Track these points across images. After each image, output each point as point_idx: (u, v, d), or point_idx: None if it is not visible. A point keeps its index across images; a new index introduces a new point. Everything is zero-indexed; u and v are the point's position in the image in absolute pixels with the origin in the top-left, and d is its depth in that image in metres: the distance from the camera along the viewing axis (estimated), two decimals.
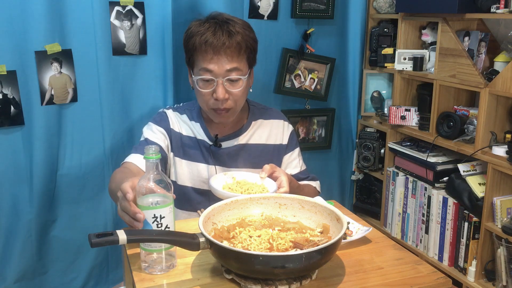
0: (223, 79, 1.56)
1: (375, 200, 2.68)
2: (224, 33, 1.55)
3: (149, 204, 1.12)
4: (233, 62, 1.56)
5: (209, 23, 1.59)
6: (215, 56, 1.54)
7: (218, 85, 1.56)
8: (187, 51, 1.63)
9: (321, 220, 1.25)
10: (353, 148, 2.74)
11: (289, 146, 1.78)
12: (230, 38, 1.54)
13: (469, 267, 2.10)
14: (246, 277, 1.08)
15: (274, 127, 1.76)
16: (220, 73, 1.55)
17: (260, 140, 1.73)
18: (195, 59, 1.60)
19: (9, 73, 1.86)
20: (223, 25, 1.57)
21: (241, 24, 1.60)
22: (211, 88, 1.57)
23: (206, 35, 1.55)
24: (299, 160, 1.80)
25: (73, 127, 2.03)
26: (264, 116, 1.77)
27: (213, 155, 1.68)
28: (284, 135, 1.77)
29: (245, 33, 1.59)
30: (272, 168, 1.50)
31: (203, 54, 1.55)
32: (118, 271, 2.24)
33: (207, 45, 1.53)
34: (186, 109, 1.75)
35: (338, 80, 2.62)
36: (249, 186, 1.47)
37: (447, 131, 2.18)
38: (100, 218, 2.15)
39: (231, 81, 1.57)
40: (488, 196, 1.98)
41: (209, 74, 1.56)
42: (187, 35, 1.62)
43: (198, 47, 1.56)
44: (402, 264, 1.21)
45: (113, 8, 2.00)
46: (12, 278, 2.01)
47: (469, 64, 2.04)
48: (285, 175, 1.48)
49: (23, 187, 1.98)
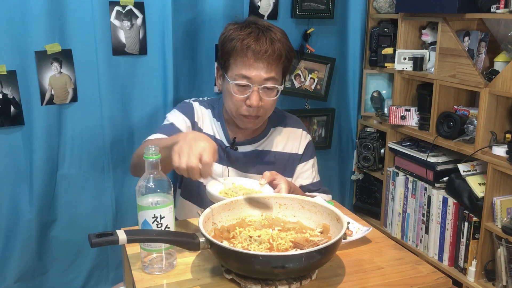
0: (259, 87, 1.52)
1: (375, 200, 2.68)
2: (267, 40, 1.50)
3: (149, 204, 1.12)
4: (272, 70, 1.52)
5: (250, 28, 1.53)
6: (255, 63, 1.50)
7: (253, 92, 1.52)
8: (223, 53, 1.56)
9: (321, 220, 1.25)
10: (353, 148, 2.74)
11: (304, 156, 1.74)
12: (272, 46, 1.50)
13: (469, 267, 2.10)
14: (246, 277, 1.08)
15: (292, 135, 1.74)
16: (257, 80, 1.51)
17: (277, 148, 1.71)
18: (232, 63, 1.54)
19: (9, 73, 1.86)
20: (266, 32, 1.52)
21: (281, 33, 1.56)
22: (246, 94, 1.53)
23: (248, 40, 1.50)
24: (312, 171, 1.76)
25: (73, 127, 2.03)
26: (282, 123, 1.74)
27: (228, 157, 1.66)
28: (301, 145, 1.74)
29: (285, 42, 1.55)
30: (273, 175, 1.46)
31: (243, 59, 1.51)
32: (118, 271, 2.24)
33: (249, 50, 1.49)
34: (210, 105, 1.71)
35: (338, 80, 2.62)
36: (245, 191, 1.43)
37: (447, 131, 2.18)
38: (100, 218, 2.15)
39: (266, 89, 1.54)
40: (488, 196, 1.98)
41: (246, 80, 1.51)
42: (226, 38, 1.55)
43: (239, 51, 1.51)
44: (402, 264, 1.20)
45: (113, 8, 2.00)
46: (12, 278, 2.01)
47: (469, 64, 2.04)
48: (285, 183, 1.45)
49: (23, 187, 1.98)
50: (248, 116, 1.56)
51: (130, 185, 2.17)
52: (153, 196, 1.13)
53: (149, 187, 1.12)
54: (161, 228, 1.13)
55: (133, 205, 1.16)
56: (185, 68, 2.22)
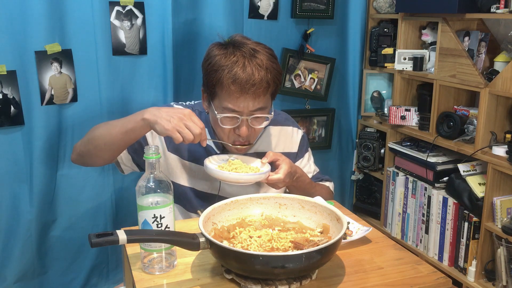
0: (248, 117, 1.49)
1: (375, 200, 2.68)
2: (254, 70, 1.43)
3: (149, 204, 1.12)
4: (260, 101, 1.47)
5: (235, 55, 1.45)
6: (241, 96, 1.44)
7: (242, 123, 1.48)
8: (209, 83, 1.49)
9: (321, 220, 1.25)
10: (353, 148, 2.74)
11: (299, 152, 1.73)
12: (259, 76, 1.44)
13: (469, 267, 2.10)
14: (246, 277, 1.08)
15: (283, 134, 1.71)
16: (246, 112, 1.47)
17: (268, 148, 1.67)
18: (219, 94, 1.48)
19: (9, 73, 1.86)
20: (252, 60, 1.45)
21: (267, 56, 1.49)
22: (234, 124, 1.50)
23: (234, 72, 1.43)
24: (310, 164, 1.75)
25: (73, 127, 2.03)
26: (272, 122, 1.68)
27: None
28: (294, 143, 1.72)
29: (272, 67, 1.48)
30: (276, 156, 1.47)
31: (229, 92, 1.45)
32: (118, 271, 2.24)
33: (235, 84, 1.42)
34: (197, 110, 1.66)
35: (338, 80, 2.62)
36: (239, 166, 1.46)
37: (447, 131, 2.18)
38: (100, 218, 2.15)
39: (256, 117, 1.51)
40: (488, 196, 1.98)
41: (234, 113, 1.47)
42: (211, 67, 1.48)
43: (224, 85, 1.44)
44: (402, 264, 1.21)
45: (113, 8, 2.00)
46: (12, 278, 2.01)
47: (469, 64, 2.04)
48: (287, 165, 1.45)
49: (23, 187, 1.98)
50: (237, 143, 1.54)
51: (130, 185, 2.17)
52: (153, 196, 1.13)
53: (149, 187, 1.12)
54: (161, 228, 1.13)
55: (133, 205, 1.16)
56: (185, 68, 2.22)
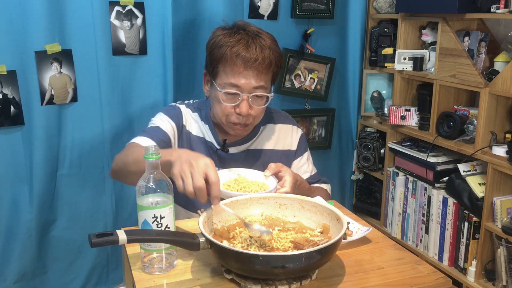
0: (249, 95, 1.49)
1: (375, 200, 2.68)
2: (257, 48, 1.46)
3: (149, 204, 1.12)
4: (261, 79, 1.49)
5: (239, 34, 1.49)
6: (244, 71, 1.46)
7: (242, 101, 1.49)
8: (212, 60, 1.52)
9: (321, 220, 1.25)
10: (353, 148, 2.74)
11: (298, 151, 1.74)
12: (262, 53, 1.46)
13: (469, 267, 2.10)
14: (246, 277, 1.08)
15: (283, 132, 1.72)
16: (247, 89, 1.48)
17: (268, 146, 1.69)
18: (221, 71, 1.50)
19: (9, 73, 1.86)
20: (256, 39, 1.48)
21: (270, 39, 1.52)
22: (235, 102, 1.50)
23: (237, 48, 1.45)
24: (308, 164, 1.76)
25: (73, 127, 2.03)
26: (272, 120, 1.72)
27: (219, 159, 1.64)
28: (293, 140, 1.73)
29: (275, 49, 1.51)
30: (278, 167, 1.45)
31: (232, 67, 1.47)
32: (118, 271, 2.24)
33: (238, 58, 1.45)
34: (197, 108, 1.68)
35: (338, 80, 2.62)
36: (247, 184, 1.42)
37: (447, 131, 2.18)
38: (100, 218, 2.15)
39: (256, 97, 1.51)
40: (488, 196, 1.98)
41: (236, 89, 1.48)
42: (214, 44, 1.51)
43: (228, 59, 1.46)
44: (402, 264, 1.20)
45: (113, 8, 2.00)
46: (12, 278, 2.01)
47: (469, 64, 2.04)
48: (290, 175, 1.44)
49: (23, 187, 1.98)
50: (237, 123, 1.54)
51: None
52: (153, 196, 1.13)
53: (149, 187, 1.12)
54: (161, 228, 1.13)
55: (133, 205, 1.16)
56: (185, 68, 2.23)
